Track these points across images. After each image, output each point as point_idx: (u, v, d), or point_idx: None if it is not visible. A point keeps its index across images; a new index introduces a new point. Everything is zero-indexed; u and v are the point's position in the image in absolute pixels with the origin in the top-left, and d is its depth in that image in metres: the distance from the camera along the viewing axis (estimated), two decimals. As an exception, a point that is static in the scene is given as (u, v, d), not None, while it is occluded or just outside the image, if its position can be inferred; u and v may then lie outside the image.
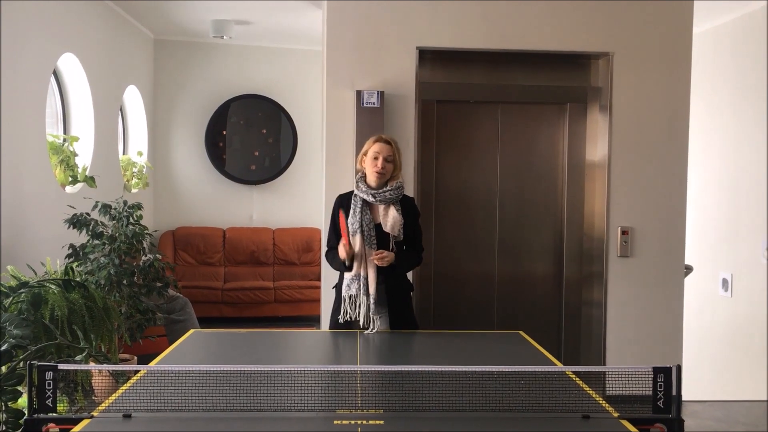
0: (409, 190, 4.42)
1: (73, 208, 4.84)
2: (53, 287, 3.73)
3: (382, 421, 2.08)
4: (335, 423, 2.06)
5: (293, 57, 8.49)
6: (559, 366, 2.65)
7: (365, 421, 2.07)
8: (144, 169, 7.65)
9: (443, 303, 4.81)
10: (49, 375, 2.11)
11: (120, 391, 2.31)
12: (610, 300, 4.69)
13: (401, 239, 3.39)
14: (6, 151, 4.45)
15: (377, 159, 3.34)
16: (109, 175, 6.44)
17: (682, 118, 4.70)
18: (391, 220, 3.36)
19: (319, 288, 5.49)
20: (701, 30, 5.92)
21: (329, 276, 4.15)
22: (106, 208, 4.82)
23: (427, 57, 4.66)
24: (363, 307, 3.29)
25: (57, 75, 5.80)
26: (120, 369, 2.97)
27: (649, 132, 4.68)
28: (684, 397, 4.98)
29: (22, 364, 3.10)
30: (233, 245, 8.32)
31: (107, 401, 2.21)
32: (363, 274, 3.32)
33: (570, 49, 4.65)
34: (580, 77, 4.80)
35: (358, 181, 3.42)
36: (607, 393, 2.36)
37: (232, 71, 8.45)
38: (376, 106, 4.41)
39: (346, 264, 3.30)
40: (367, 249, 3.32)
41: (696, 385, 5.77)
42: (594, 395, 2.31)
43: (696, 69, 4.87)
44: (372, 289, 3.30)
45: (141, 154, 7.72)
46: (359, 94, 4.42)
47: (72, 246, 4.67)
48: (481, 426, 2.07)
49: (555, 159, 4.88)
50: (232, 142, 8.51)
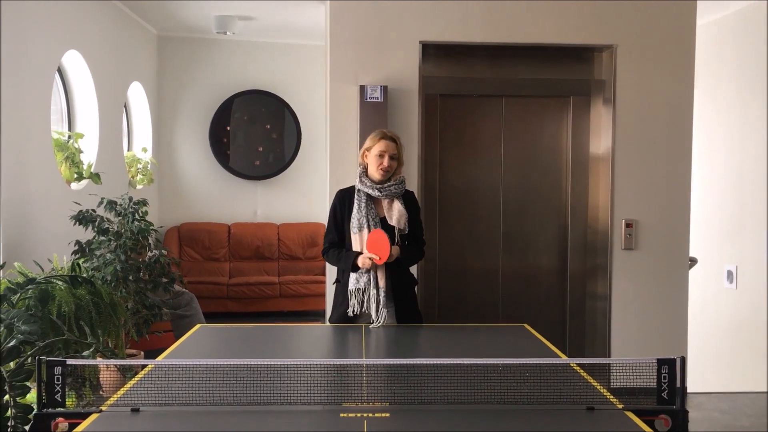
0: (413, 184, 4.43)
1: (79, 204, 4.87)
2: (60, 283, 3.75)
3: (388, 414, 2.09)
4: (341, 416, 2.08)
5: (296, 52, 8.49)
6: (564, 358, 2.66)
7: (371, 414, 2.08)
8: (149, 166, 7.67)
9: (448, 297, 4.82)
10: (58, 370, 2.13)
11: (128, 386, 2.32)
12: (614, 293, 4.69)
13: (406, 232, 3.41)
14: (11, 149, 4.47)
15: (383, 157, 3.35)
16: (114, 172, 6.46)
17: (685, 110, 4.69)
18: (397, 213, 3.38)
19: (324, 283, 5.51)
20: (704, 22, 5.91)
21: (334, 271, 4.17)
22: (111, 204, 4.84)
23: (431, 51, 4.66)
24: (374, 301, 3.30)
25: (61, 72, 5.82)
26: (127, 363, 2.99)
27: (653, 124, 4.67)
28: (689, 389, 4.99)
29: (30, 359, 3.13)
30: (238, 241, 8.34)
31: (115, 396, 2.22)
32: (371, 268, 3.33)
33: (573, 42, 4.65)
34: (583, 70, 4.80)
35: (360, 176, 3.43)
36: (612, 385, 2.37)
37: (235, 67, 8.46)
38: (379, 100, 4.42)
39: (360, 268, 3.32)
40: (374, 243, 3.33)
41: (701, 377, 5.78)
42: (598, 387, 2.32)
43: (699, 61, 4.86)
44: (381, 283, 3.32)
45: (145, 150, 7.73)
46: (362, 88, 4.42)
47: (78, 242, 4.70)
48: (487, 418, 2.08)
49: (559, 152, 4.88)
50: (236, 137, 8.52)
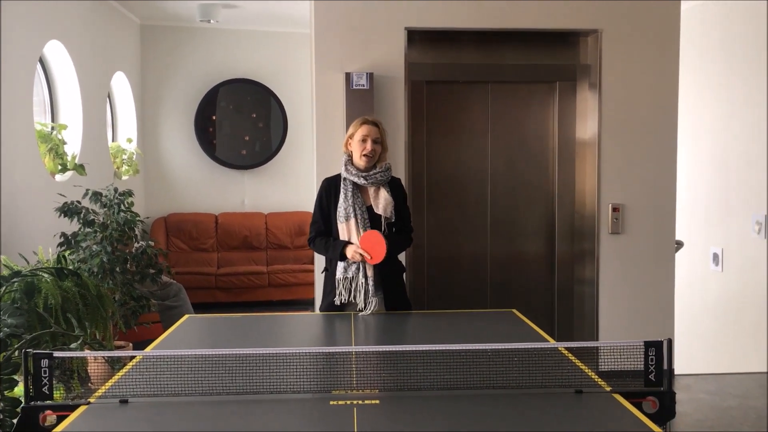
0: (400, 171, 4.42)
1: (64, 196, 4.83)
2: (46, 276, 3.72)
3: (377, 401, 2.10)
4: (331, 404, 2.08)
5: (281, 40, 8.45)
6: (552, 342, 2.67)
7: (361, 402, 2.08)
8: (134, 156, 7.61)
9: (437, 284, 4.83)
10: (45, 363, 2.11)
11: (116, 378, 2.31)
12: (602, 277, 4.72)
13: (393, 220, 3.40)
14: (-6, 141, 4.43)
15: (365, 141, 3.33)
16: (99, 163, 6.41)
17: (671, 94, 4.71)
18: (383, 201, 3.37)
19: (313, 271, 5.50)
20: (689, 6, 5.91)
21: (322, 260, 4.16)
22: (96, 195, 4.81)
23: (416, 38, 4.64)
24: (362, 289, 3.30)
25: (43, 63, 5.75)
26: (115, 355, 2.97)
27: (639, 109, 4.68)
28: (676, 372, 5.04)
29: (17, 353, 3.11)
30: (226, 231, 8.31)
31: (103, 387, 2.21)
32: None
33: (558, 27, 4.64)
34: (568, 55, 4.80)
35: (346, 164, 3.41)
36: (600, 368, 2.39)
37: (220, 56, 8.40)
38: (365, 87, 4.40)
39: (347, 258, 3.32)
40: (362, 232, 3.33)
41: (688, 360, 5.83)
42: (587, 370, 2.34)
43: (684, 45, 4.87)
44: (370, 272, 3.31)
45: (130, 140, 7.68)
46: (348, 76, 4.40)
47: (64, 234, 4.67)
48: (476, 403, 2.09)
49: (545, 138, 4.88)
50: (222, 127, 8.48)
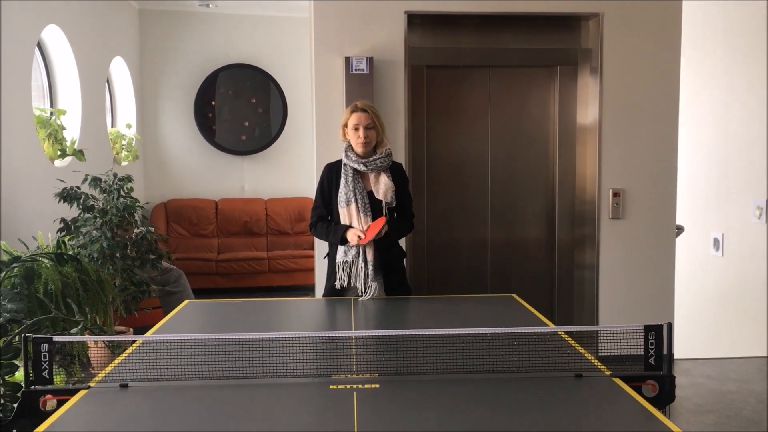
0: (400, 156, 4.40)
1: (63, 182, 4.82)
2: (46, 261, 3.72)
3: (377, 385, 2.10)
4: (331, 388, 2.08)
5: (280, 24, 8.40)
6: (552, 327, 2.67)
7: (361, 386, 2.09)
8: (133, 142, 7.59)
9: (437, 270, 4.83)
10: (44, 347, 2.11)
11: (116, 362, 2.32)
12: (602, 262, 4.71)
13: (393, 205, 3.40)
14: (-8, 126, 4.41)
15: (358, 130, 3.33)
16: (98, 148, 6.40)
17: (672, 78, 4.68)
18: (383, 187, 3.37)
19: (313, 257, 5.49)
20: (692, -11, 5.87)
21: (322, 245, 4.16)
22: (96, 181, 4.80)
23: (416, 21, 4.61)
24: (362, 274, 3.31)
25: (41, 47, 5.72)
26: (115, 339, 2.98)
27: (640, 93, 4.66)
28: (676, 356, 5.05)
29: (17, 338, 3.11)
30: (226, 216, 8.31)
31: (103, 372, 2.22)
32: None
33: (559, 11, 4.61)
34: (570, 39, 4.77)
35: (346, 150, 3.41)
36: (600, 353, 2.39)
37: (219, 40, 8.36)
38: (365, 72, 4.38)
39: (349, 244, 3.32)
40: (363, 217, 3.33)
41: (688, 345, 5.84)
42: (586, 354, 2.34)
43: (686, 29, 4.84)
44: (369, 256, 3.31)
45: (130, 126, 7.66)
46: (348, 60, 4.38)
47: (63, 220, 4.66)
48: (475, 387, 2.09)
49: (546, 123, 4.86)
50: (221, 112, 8.45)
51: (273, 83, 8.47)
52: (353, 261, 3.33)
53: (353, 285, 3.35)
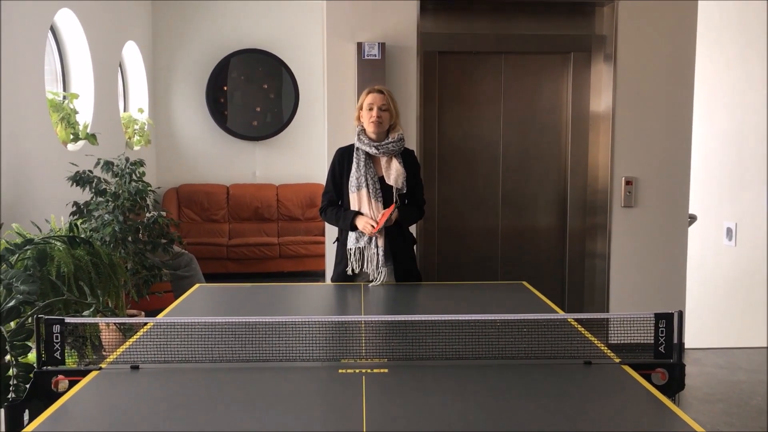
0: (412, 143, 4.39)
1: (76, 165, 4.84)
2: (59, 244, 3.75)
3: (386, 370, 2.11)
4: (340, 372, 2.09)
5: (293, 10, 8.37)
6: (561, 314, 2.67)
7: (370, 370, 2.09)
8: (145, 126, 7.61)
9: (447, 257, 4.83)
10: (56, 328, 2.13)
11: (127, 344, 2.33)
12: (613, 250, 4.69)
13: (404, 191, 3.39)
14: (6, 110, 4.43)
15: (372, 109, 3.33)
16: (111, 133, 6.42)
17: (687, 66, 4.64)
18: (394, 172, 3.36)
19: (323, 243, 5.51)
20: (708, -24, 5.80)
21: (333, 230, 4.16)
22: (108, 165, 4.82)
23: (429, 7, 4.58)
24: (373, 259, 3.31)
25: (54, 31, 5.73)
26: (127, 322, 3.00)
27: (654, 81, 4.62)
28: (686, 346, 5.03)
29: (30, 319, 3.14)
30: (237, 202, 8.33)
31: (115, 354, 2.23)
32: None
33: (574, -3, 4.57)
34: (584, 25, 4.73)
35: (359, 134, 3.41)
36: (610, 341, 2.38)
37: (231, 25, 8.34)
38: (377, 58, 4.36)
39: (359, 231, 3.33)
40: (374, 202, 3.32)
41: (699, 334, 5.82)
42: (596, 342, 2.33)
43: (702, 16, 4.79)
44: (380, 242, 3.32)
45: (142, 111, 7.67)
46: (360, 46, 4.36)
47: (76, 203, 4.68)
48: (484, 372, 2.09)
49: (559, 110, 4.83)
50: (233, 97, 8.45)
51: (285, 69, 8.45)
52: (365, 246, 3.33)
53: (364, 271, 3.36)
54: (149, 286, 4.92)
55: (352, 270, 3.36)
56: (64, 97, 5.48)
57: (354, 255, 3.35)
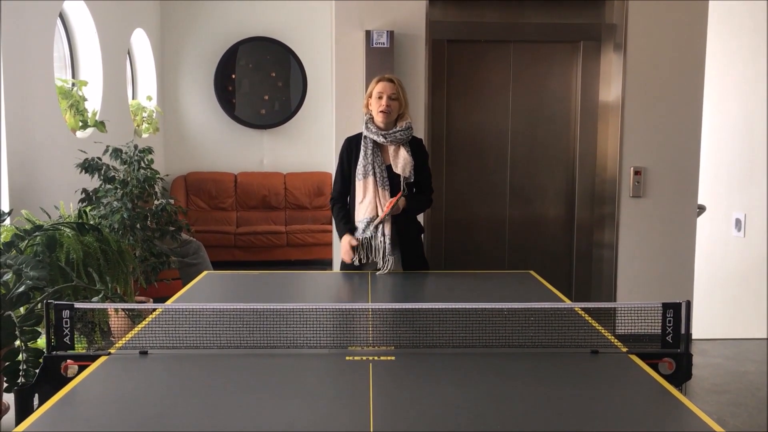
0: (420, 131, 4.38)
1: (85, 152, 4.86)
2: (68, 230, 3.77)
3: (393, 357, 2.11)
4: (347, 359, 2.10)
5: (302, -2, 8.35)
6: (568, 303, 2.67)
7: (376, 357, 2.10)
8: (154, 114, 7.62)
9: (455, 247, 4.82)
10: (66, 313, 2.14)
11: (136, 330, 2.35)
12: (621, 241, 4.68)
13: (412, 180, 3.39)
14: (15, 96, 4.44)
15: (381, 98, 3.33)
16: (119, 120, 6.43)
17: (697, 57, 4.60)
18: (402, 161, 3.36)
19: (331, 232, 5.51)
20: (720, -36, 5.74)
21: (340, 218, 4.17)
22: (117, 152, 4.83)
23: (438, -5, 4.56)
24: (380, 248, 3.31)
25: (63, 18, 5.74)
26: (135, 308, 3.01)
27: (665, 70, 4.59)
28: (694, 336, 5.02)
29: (39, 305, 3.16)
30: (245, 190, 8.34)
31: (123, 339, 2.25)
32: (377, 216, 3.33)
33: (584, -15, 4.53)
34: (594, 14, 4.69)
35: (367, 122, 3.40)
36: (617, 332, 2.38)
37: (239, 13, 8.33)
38: (385, 46, 4.35)
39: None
40: (380, 190, 3.32)
41: (707, 326, 5.80)
42: (603, 332, 2.33)
43: (713, 5, 4.75)
44: (387, 230, 3.32)
45: (150, 98, 7.68)
46: (368, 34, 4.34)
47: (85, 190, 4.71)
48: (491, 360, 2.10)
49: (568, 99, 4.81)
50: (241, 85, 8.45)
51: (293, 57, 8.44)
52: (372, 236, 3.33)
53: (373, 259, 3.36)
54: (157, 273, 4.94)
55: (359, 260, 3.36)
56: (73, 84, 5.49)
57: (362, 244, 3.36)
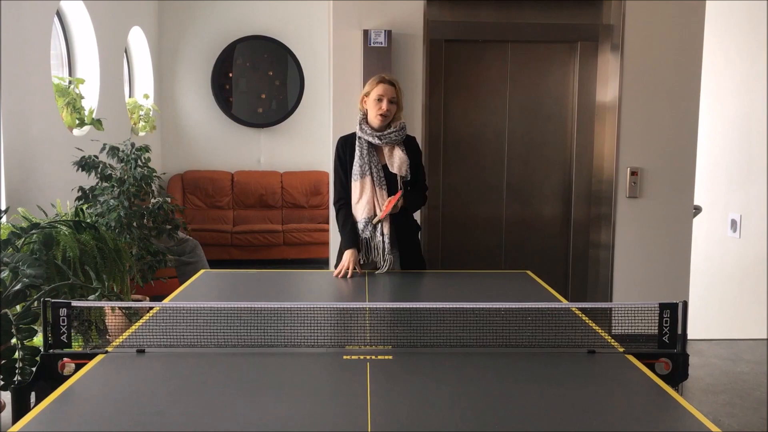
0: (417, 131, 4.39)
1: (81, 150, 4.85)
2: (64, 229, 3.76)
3: (390, 356, 2.12)
4: (344, 358, 2.10)
5: (299, -3, 8.34)
6: (565, 303, 2.67)
7: (374, 357, 2.10)
8: (151, 112, 7.61)
9: (452, 246, 4.83)
10: (63, 312, 2.14)
11: (133, 328, 2.35)
12: (618, 241, 4.69)
13: (408, 179, 3.39)
14: (12, 94, 4.43)
15: (381, 101, 3.31)
16: (116, 118, 6.42)
17: (694, 57, 4.61)
18: (398, 160, 3.36)
19: (328, 231, 5.51)
20: (717, -35, 5.75)
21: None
22: (113, 150, 4.82)
23: (436, -6, 4.56)
24: (379, 248, 3.31)
25: (60, 16, 5.72)
26: (132, 306, 3.01)
27: (662, 71, 4.60)
28: (690, 337, 5.03)
29: (36, 303, 3.16)
30: (242, 189, 8.34)
31: (121, 337, 2.25)
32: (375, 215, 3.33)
33: (582, -14, 4.54)
34: (591, 15, 4.70)
35: (360, 123, 3.39)
36: (614, 331, 2.38)
37: (237, 12, 8.32)
38: (383, 45, 4.35)
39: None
40: (378, 190, 3.32)
41: (703, 326, 5.82)
42: (600, 331, 2.34)
43: (710, 5, 4.76)
44: (386, 229, 3.32)
45: (147, 97, 7.67)
46: (366, 33, 4.35)
47: (81, 188, 4.70)
48: (488, 360, 2.10)
49: (565, 99, 4.82)
50: (238, 84, 8.44)
51: (290, 56, 8.43)
52: (371, 236, 3.33)
53: (373, 259, 3.36)
54: (154, 271, 4.93)
55: (360, 261, 3.35)
56: (69, 82, 5.48)
57: (361, 244, 3.35)
